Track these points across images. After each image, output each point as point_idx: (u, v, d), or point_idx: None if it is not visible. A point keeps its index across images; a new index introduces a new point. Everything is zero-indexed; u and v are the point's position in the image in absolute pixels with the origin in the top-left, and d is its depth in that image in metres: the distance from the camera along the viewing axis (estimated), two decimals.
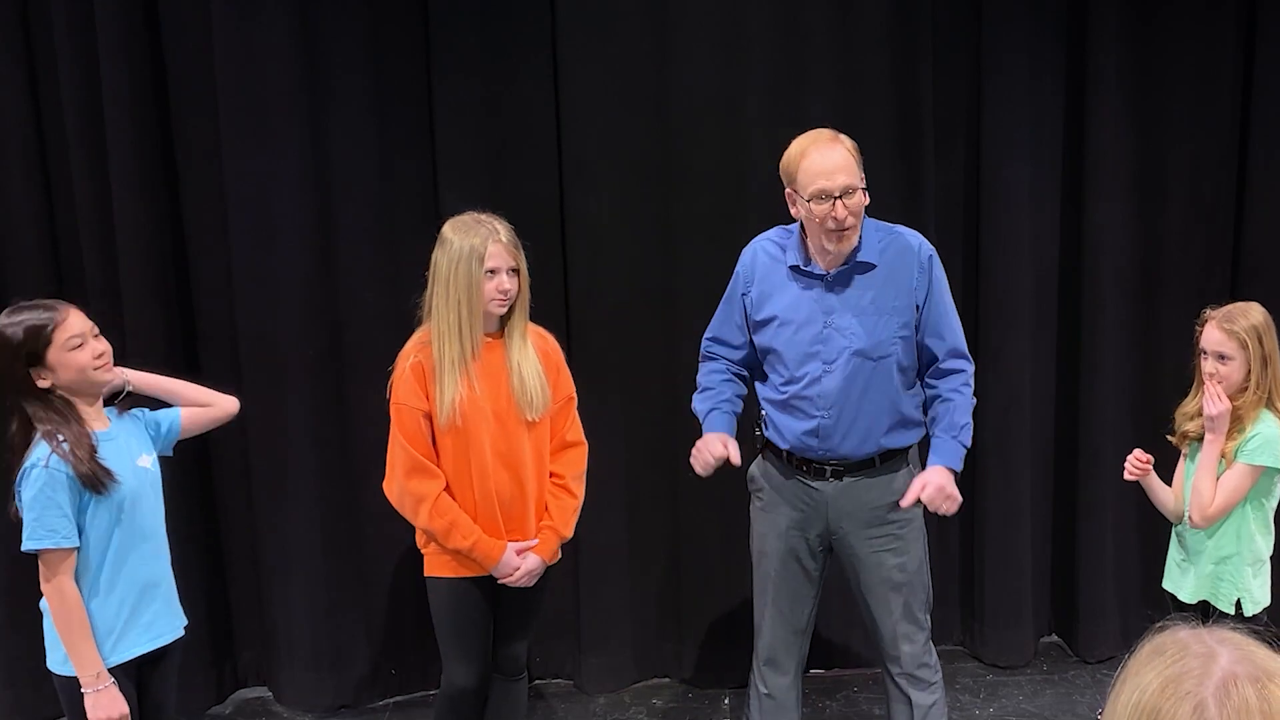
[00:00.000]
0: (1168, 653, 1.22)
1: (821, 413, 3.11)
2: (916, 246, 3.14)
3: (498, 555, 3.14)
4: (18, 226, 3.89)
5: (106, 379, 2.80)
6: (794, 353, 3.12)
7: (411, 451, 3.10)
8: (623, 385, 4.10)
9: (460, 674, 3.24)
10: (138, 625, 2.82)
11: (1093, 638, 4.34)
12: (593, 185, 4.01)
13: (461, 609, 3.20)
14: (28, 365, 2.69)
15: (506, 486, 3.15)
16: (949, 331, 3.18)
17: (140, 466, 2.85)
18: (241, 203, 3.93)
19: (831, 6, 3.98)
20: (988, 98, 4.11)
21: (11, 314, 2.74)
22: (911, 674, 3.24)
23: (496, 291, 3.07)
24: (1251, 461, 3.10)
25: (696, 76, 3.98)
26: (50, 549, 2.68)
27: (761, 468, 3.30)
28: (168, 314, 3.97)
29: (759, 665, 3.35)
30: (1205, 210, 4.22)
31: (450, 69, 3.95)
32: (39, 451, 2.69)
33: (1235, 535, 3.16)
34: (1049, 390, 4.32)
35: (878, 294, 3.08)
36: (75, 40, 3.78)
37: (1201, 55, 4.12)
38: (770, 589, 3.29)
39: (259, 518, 4.12)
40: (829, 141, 3.02)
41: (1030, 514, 4.33)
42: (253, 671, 4.30)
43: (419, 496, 3.11)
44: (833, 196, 2.96)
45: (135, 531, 2.80)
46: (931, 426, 3.21)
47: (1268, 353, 3.11)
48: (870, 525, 3.19)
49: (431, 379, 3.08)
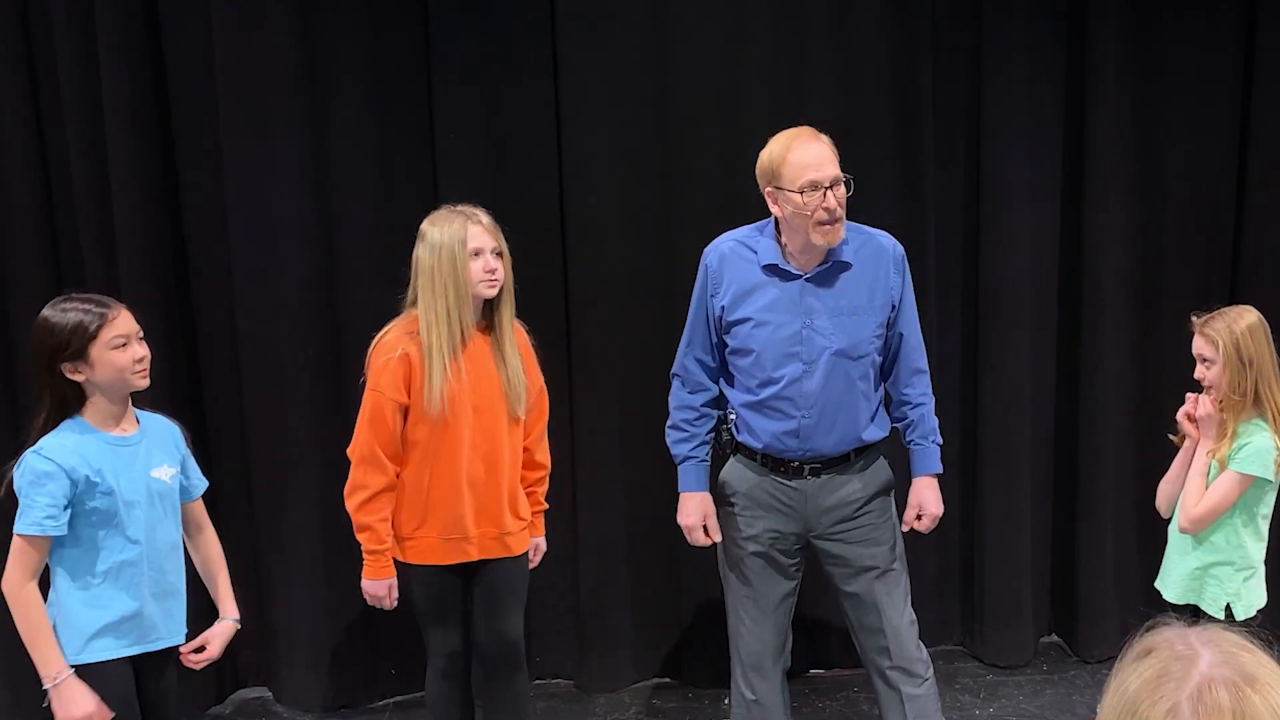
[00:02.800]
0: (1153, 653, 1.23)
1: (801, 412, 3.13)
2: (890, 247, 3.20)
3: (380, 576, 3.18)
4: (18, 226, 3.89)
5: (142, 385, 2.80)
6: (772, 353, 3.12)
7: (370, 440, 3.13)
8: (622, 385, 4.10)
9: (444, 639, 3.27)
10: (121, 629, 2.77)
11: (1093, 638, 4.35)
12: (593, 185, 4.01)
13: (433, 586, 3.23)
14: (68, 356, 2.69)
15: (480, 478, 3.17)
16: (915, 333, 3.27)
17: (154, 477, 2.82)
18: (241, 203, 3.93)
19: (831, 6, 3.98)
20: (988, 98, 4.11)
21: (63, 302, 2.75)
22: (901, 666, 3.24)
23: (484, 272, 3.07)
24: (1241, 470, 3.08)
25: (696, 76, 3.98)
26: (36, 536, 2.67)
27: (733, 472, 3.29)
28: (168, 314, 3.97)
29: (743, 671, 3.34)
30: (1205, 210, 4.22)
31: (450, 69, 3.95)
32: (44, 441, 2.70)
33: (1225, 542, 3.14)
34: (1049, 390, 4.32)
35: (855, 294, 3.12)
36: (75, 40, 3.77)
37: (1201, 55, 4.12)
38: (750, 592, 3.28)
39: (259, 517, 4.13)
40: (812, 136, 3.08)
41: (1030, 514, 4.33)
42: (253, 671, 4.29)
43: (359, 484, 3.16)
44: (823, 187, 2.99)
45: (135, 539, 2.76)
46: (907, 432, 3.31)
47: (1247, 357, 3.07)
48: (847, 519, 3.22)
49: (419, 371, 3.08)
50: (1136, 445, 4.24)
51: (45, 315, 2.73)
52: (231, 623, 3.01)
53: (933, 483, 3.30)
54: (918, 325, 3.28)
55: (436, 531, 3.18)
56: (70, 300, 2.76)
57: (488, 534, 3.22)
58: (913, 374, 3.26)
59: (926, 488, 3.30)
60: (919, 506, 3.30)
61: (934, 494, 3.30)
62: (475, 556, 3.22)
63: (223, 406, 4.10)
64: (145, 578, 2.80)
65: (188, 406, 4.05)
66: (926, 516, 3.30)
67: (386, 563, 3.20)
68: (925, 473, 3.30)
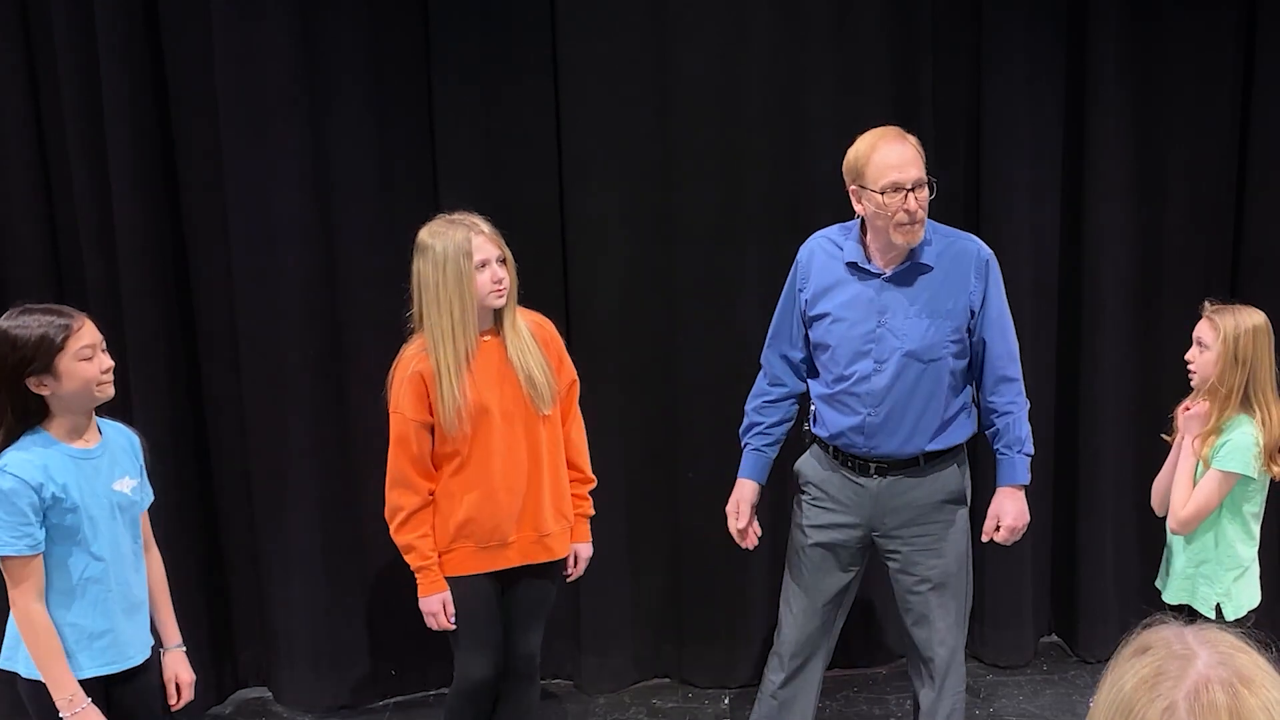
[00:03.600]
0: (1149, 651, 1.22)
1: (868, 410, 3.14)
2: (975, 250, 3.19)
3: (431, 592, 3.14)
4: (18, 226, 3.89)
5: (108, 395, 2.70)
6: (846, 349, 3.15)
7: (400, 462, 3.10)
8: (623, 385, 4.10)
9: (475, 665, 3.21)
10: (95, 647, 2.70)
11: (1093, 638, 4.35)
12: (593, 185, 4.01)
13: (470, 602, 3.18)
14: (33, 370, 2.59)
15: (516, 483, 3.14)
16: (1005, 338, 3.21)
17: (116, 490, 2.73)
18: (241, 203, 3.92)
19: (831, 6, 3.98)
20: (988, 98, 4.11)
21: (22, 314, 2.63)
22: (942, 684, 3.25)
23: (492, 283, 3.05)
24: (1222, 468, 3.09)
25: (696, 76, 3.98)
26: (12, 556, 2.58)
27: (808, 462, 3.32)
28: (168, 314, 3.97)
29: (779, 661, 3.36)
30: (1205, 210, 4.22)
31: (450, 69, 3.95)
32: (7, 456, 2.60)
33: (1213, 542, 3.15)
34: (1049, 390, 4.31)
35: (933, 296, 3.11)
36: (75, 40, 3.77)
37: (1202, 55, 4.12)
38: (802, 582, 3.29)
39: (259, 517, 4.12)
40: (898, 137, 3.09)
41: (1030, 514, 4.32)
42: (253, 671, 4.29)
43: (396, 507, 3.14)
44: (905, 189, 3.01)
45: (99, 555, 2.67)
46: (994, 440, 3.25)
47: (1244, 355, 3.08)
48: (912, 524, 3.21)
49: (433, 388, 3.05)
50: (1136, 445, 4.24)
51: (4, 328, 2.60)
52: (180, 649, 2.94)
53: (1015, 493, 3.23)
54: (1010, 332, 3.21)
55: (475, 541, 3.15)
56: (29, 312, 2.64)
57: (528, 537, 3.19)
58: (998, 381, 3.19)
59: (1007, 498, 3.24)
60: (997, 517, 3.24)
61: (1014, 505, 3.23)
62: (516, 562, 3.19)
63: (223, 406, 4.10)
64: (114, 593, 2.71)
65: (188, 407, 4.05)
66: (1004, 528, 3.24)
67: (436, 577, 3.14)
68: (1008, 484, 3.23)
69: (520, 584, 3.24)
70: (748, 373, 4.05)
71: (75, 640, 2.67)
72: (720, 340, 4.08)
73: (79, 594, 2.67)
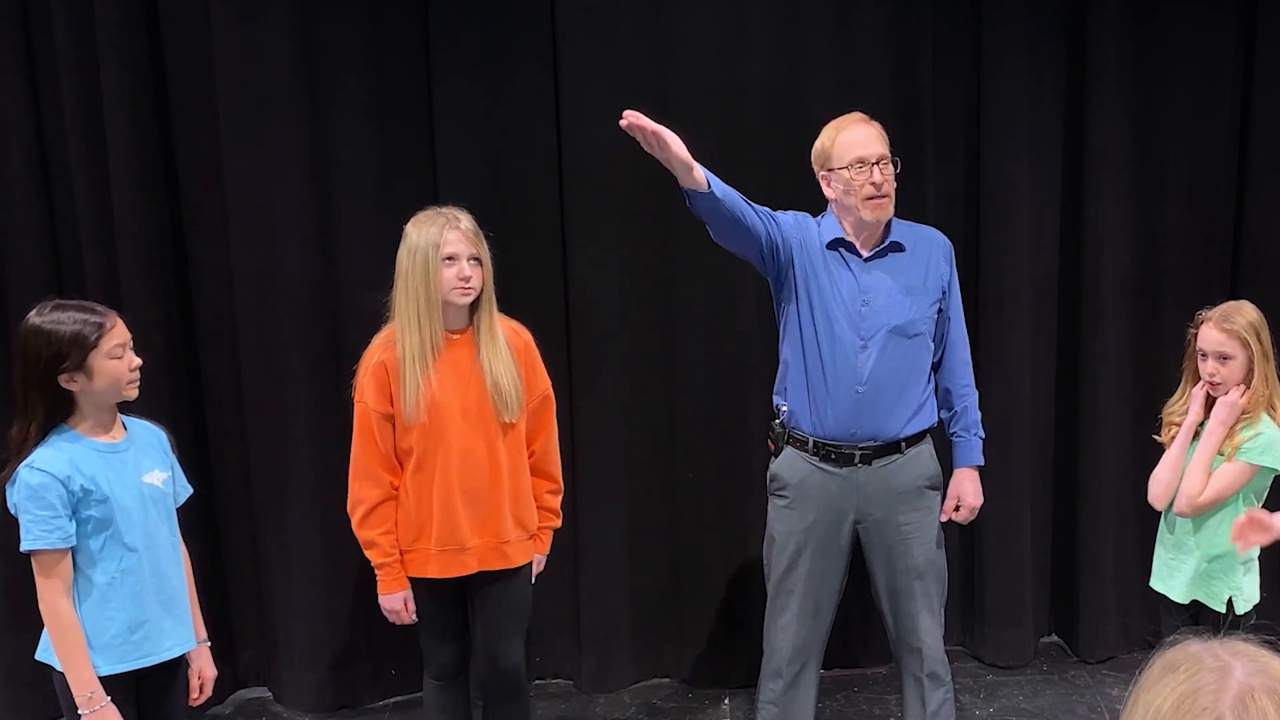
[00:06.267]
0: (1181, 668, 1.21)
1: (857, 387, 3.17)
2: (940, 237, 3.34)
3: (392, 590, 3.15)
4: (18, 226, 3.89)
5: (133, 395, 2.74)
6: (831, 330, 3.17)
7: (361, 453, 3.10)
8: (622, 385, 4.10)
9: (436, 651, 3.25)
10: (131, 640, 2.73)
11: (1093, 638, 4.35)
12: (593, 185, 4.01)
13: (430, 601, 3.19)
14: (67, 366, 2.62)
15: (474, 487, 3.10)
16: (961, 323, 3.35)
17: (146, 483, 2.77)
18: (241, 203, 3.93)
19: (831, 6, 3.98)
20: (988, 98, 4.11)
21: (55, 310, 2.66)
22: (932, 672, 3.31)
23: (457, 279, 3.02)
24: (1252, 461, 3.10)
25: (696, 77, 3.98)
26: (44, 549, 2.62)
27: (784, 465, 3.30)
28: (168, 314, 3.97)
29: (781, 668, 3.34)
30: (1205, 210, 4.22)
31: (450, 69, 3.95)
32: (35, 453, 2.64)
33: (1226, 535, 3.16)
34: (1049, 390, 4.32)
35: (910, 274, 3.22)
36: (75, 40, 3.77)
37: (1202, 55, 4.12)
38: (798, 591, 3.29)
39: (259, 518, 4.12)
40: (861, 120, 3.21)
41: (1030, 514, 4.33)
42: (253, 671, 4.29)
43: (357, 500, 3.13)
44: (870, 163, 3.10)
45: (133, 546, 2.71)
46: (952, 423, 3.36)
47: (1266, 349, 3.12)
48: (898, 511, 3.24)
49: (395, 378, 3.04)
50: (1136, 445, 4.23)
51: (38, 323, 2.63)
52: (205, 645, 2.97)
53: (973, 474, 3.37)
54: (963, 318, 3.36)
55: (432, 543, 3.12)
56: (62, 308, 2.67)
57: (487, 544, 3.14)
58: (961, 364, 3.35)
59: (966, 479, 3.36)
60: (958, 497, 3.36)
61: (973, 485, 3.36)
62: (474, 568, 3.15)
63: (223, 406, 4.10)
64: (148, 584, 2.74)
65: (188, 406, 4.05)
66: (965, 508, 3.37)
67: (397, 574, 3.14)
68: (967, 464, 3.35)
69: (486, 588, 3.18)
70: (748, 373, 4.07)
71: (109, 635, 2.70)
72: (720, 340, 4.08)
73: (115, 587, 2.70)
